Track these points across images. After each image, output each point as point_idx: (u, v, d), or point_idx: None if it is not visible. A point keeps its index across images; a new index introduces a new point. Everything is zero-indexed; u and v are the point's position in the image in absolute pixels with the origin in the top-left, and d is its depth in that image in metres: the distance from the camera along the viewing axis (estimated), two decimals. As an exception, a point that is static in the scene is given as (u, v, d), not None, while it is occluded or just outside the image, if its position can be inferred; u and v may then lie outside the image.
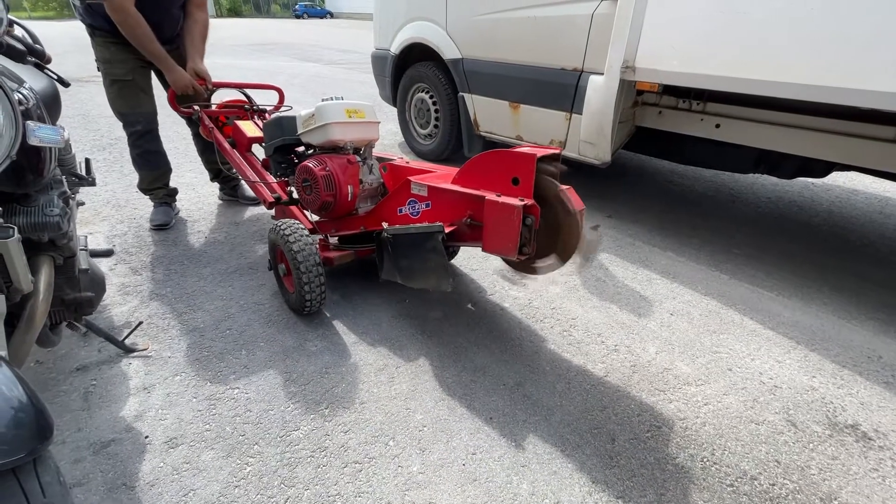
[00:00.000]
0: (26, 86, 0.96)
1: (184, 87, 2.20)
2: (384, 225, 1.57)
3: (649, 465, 1.25)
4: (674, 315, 1.91)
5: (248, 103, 2.50)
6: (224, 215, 2.65)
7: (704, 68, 1.95)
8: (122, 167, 3.26)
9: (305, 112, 1.83)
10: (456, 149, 3.53)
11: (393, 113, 4.12)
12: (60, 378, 1.46)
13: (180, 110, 2.31)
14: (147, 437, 1.27)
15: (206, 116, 2.33)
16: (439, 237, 1.35)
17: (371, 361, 1.59)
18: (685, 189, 3.39)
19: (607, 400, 1.47)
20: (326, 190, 1.72)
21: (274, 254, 1.81)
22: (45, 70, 1.14)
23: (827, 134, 2.04)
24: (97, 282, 1.27)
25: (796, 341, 1.78)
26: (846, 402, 1.50)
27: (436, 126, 3.60)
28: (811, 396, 1.52)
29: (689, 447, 1.31)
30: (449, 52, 3.21)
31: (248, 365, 1.55)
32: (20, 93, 0.91)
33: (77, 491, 1.13)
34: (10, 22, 1.08)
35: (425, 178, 1.53)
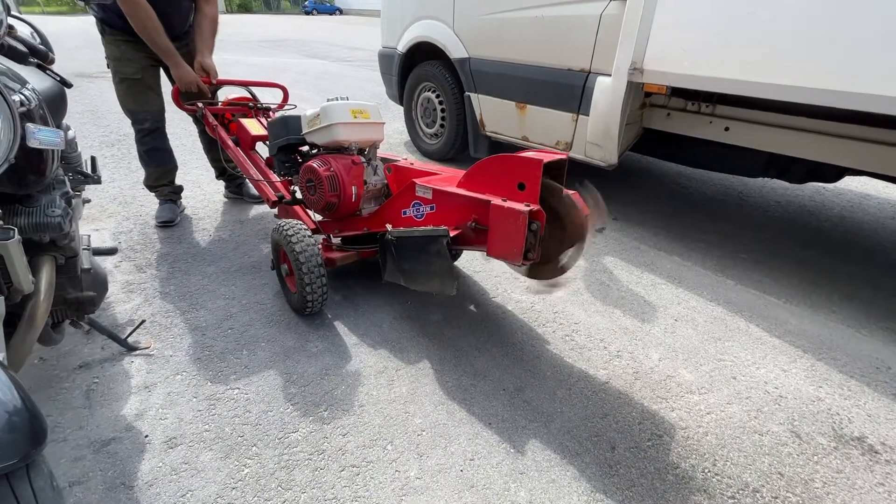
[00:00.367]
0: (29, 87, 0.96)
1: (189, 84, 2.20)
2: (388, 227, 1.57)
3: (649, 475, 1.24)
4: (678, 321, 1.89)
5: (253, 101, 2.50)
6: (229, 213, 2.66)
7: (714, 71, 1.91)
8: (130, 163, 3.28)
9: (310, 112, 1.83)
10: (462, 149, 3.52)
11: (400, 112, 4.11)
12: (63, 375, 1.47)
13: (184, 107, 2.31)
14: (147, 437, 1.28)
15: (211, 114, 2.33)
16: (444, 241, 1.34)
17: (371, 363, 1.58)
18: (693, 191, 3.35)
19: (608, 407, 1.45)
20: (330, 191, 1.72)
21: (276, 254, 1.81)
22: (47, 71, 1.14)
23: (839, 139, 2.00)
24: (99, 281, 1.28)
25: (803, 350, 1.75)
26: (853, 414, 1.47)
27: (442, 126, 3.59)
28: (817, 407, 1.49)
29: (691, 457, 1.30)
30: (456, 52, 3.19)
31: (249, 365, 1.55)
32: (22, 94, 0.92)
33: (76, 489, 1.13)
34: (10, 25, 1.08)
35: (430, 181, 1.52)
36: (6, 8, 0.87)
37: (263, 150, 2.43)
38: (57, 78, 1.17)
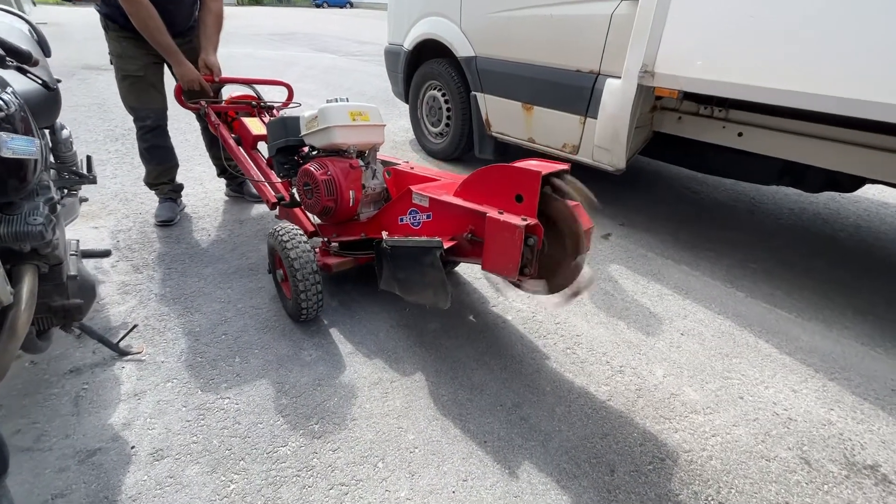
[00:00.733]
0: (9, 90, 0.93)
1: (191, 82, 2.17)
2: (384, 234, 1.52)
3: (649, 502, 1.19)
4: (685, 335, 1.83)
5: (256, 99, 2.46)
6: (229, 213, 2.63)
7: (730, 76, 1.84)
8: (133, 159, 3.26)
9: (308, 113, 1.79)
10: (467, 149, 3.46)
11: (406, 109, 4.05)
12: (53, 380, 1.45)
13: (187, 105, 2.28)
14: (133, 448, 1.25)
15: (213, 112, 2.30)
16: (437, 253, 1.29)
17: (366, 374, 1.55)
18: (702, 197, 3.27)
19: (609, 427, 1.40)
20: (327, 195, 1.67)
21: (272, 258, 1.77)
22: (29, 74, 1.11)
23: (859, 147, 1.92)
24: (87, 288, 1.25)
25: (814, 369, 1.69)
26: (866, 440, 1.41)
27: (447, 125, 3.53)
28: (828, 431, 1.43)
29: (694, 483, 1.24)
30: (462, 50, 3.12)
31: (241, 373, 1.52)
32: (0, 98, 0.88)
33: (59, 502, 1.11)
34: None
35: (427, 188, 1.47)
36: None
37: (266, 150, 2.39)
38: (39, 81, 1.13)
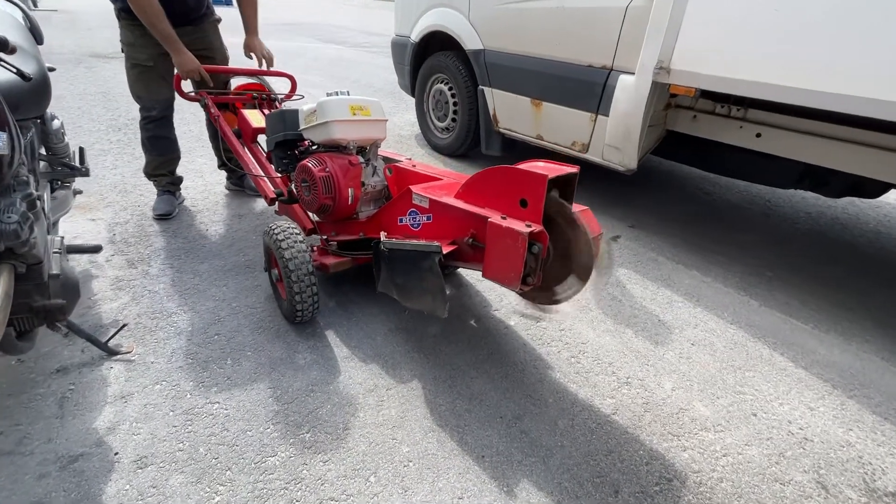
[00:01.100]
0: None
1: (189, 72, 2.11)
2: (382, 235, 1.45)
3: (655, 527, 1.12)
4: (695, 345, 1.75)
5: (259, 90, 2.38)
6: (229, 207, 2.58)
7: (752, 74, 1.74)
8: (135, 150, 3.21)
9: (307, 107, 1.72)
10: (473, 145, 3.37)
11: (412, 103, 3.97)
12: (39, 380, 1.41)
13: (187, 95, 2.22)
14: (117, 454, 1.20)
15: (214, 104, 2.24)
16: (436, 258, 1.23)
17: (361, 380, 1.49)
18: (716, 198, 3.17)
19: (614, 443, 1.33)
20: (325, 192, 1.61)
21: (268, 257, 1.71)
22: (3, 63, 1.05)
23: (887, 152, 1.82)
24: (70, 287, 1.20)
25: (832, 385, 1.60)
26: (887, 464, 1.33)
27: (454, 120, 3.44)
28: (846, 454, 1.35)
29: (703, 507, 1.18)
30: (470, 43, 3.03)
31: (232, 376, 1.47)
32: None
33: (37, 511, 1.07)
34: None
35: (428, 189, 1.40)
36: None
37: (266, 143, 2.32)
38: (13, 70, 1.07)
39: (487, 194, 1.23)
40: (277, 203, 1.96)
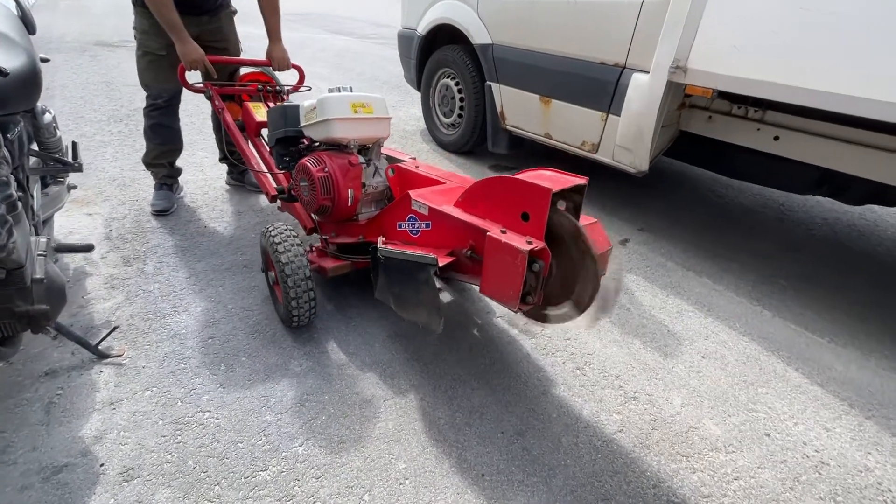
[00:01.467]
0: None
1: (193, 63, 2.05)
2: (380, 241, 1.39)
3: (662, 557, 1.07)
4: (706, 358, 1.68)
5: (264, 81, 2.29)
6: (228, 203, 2.53)
7: (774, 76, 1.65)
8: (135, 142, 3.17)
9: (308, 103, 1.65)
10: (479, 141, 3.29)
11: (419, 97, 3.88)
12: (27, 383, 1.37)
13: (190, 86, 2.16)
14: (102, 466, 1.16)
15: (218, 96, 2.17)
16: (431, 271, 1.17)
17: (358, 390, 1.44)
18: (728, 201, 3.08)
19: (620, 463, 1.28)
20: (323, 193, 1.55)
21: (265, 259, 1.66)
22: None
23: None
24: (55, 291, 1.15)
25: (849, 404, 1.53)
26: (908, 492, 1.26)
27: (460, 116, 3.36)
28: (864, 480, 1.29)
29: (713, 536, 1.12)
30: (478, 37, 2.94)
31: (225, 384, 1.42)
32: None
33: (17, 526, 1.03)
34: None
35: (428, 195, 1.33)
36: None
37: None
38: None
39: (488, 205, 1.17)
40: (279, 200, 1.91)
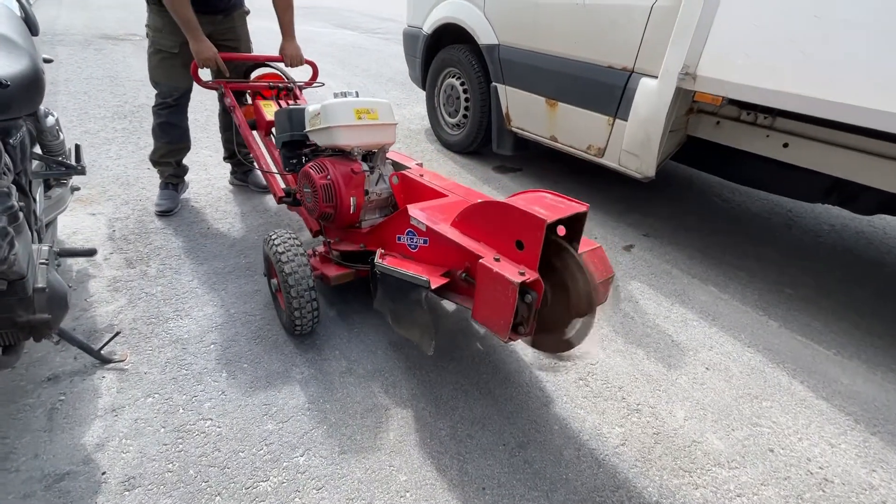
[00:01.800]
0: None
1: (206, 60, 2.05)
2: (378, 253, 1.38)
3: (664, 576, 1.06)
4: (710, 370, 1.67)
5: (277, 79, 2.27)
6: (232, 203, 2.52)
7: (787, 85, 1.62)
8: (139, 139, 3.17)
9: (312, 108, 1.64)
10: (484, 142, 3.27)
11: (423, 95, 3.85)
12: (29, 388, 1.37)
13: (204, 84, 2.16)
14: (104, 474, 1.16)
15: (231, 93, 2.16)
16: (423, 293, 1.16)
17: (359, 399, 1.43)
18: (735, 206, 3.04)
19: (622, 478, 1.27)
20: (325, 201, 1.54)
21: (267, 265, 1.65)
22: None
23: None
24: (56, 300, 1.14)
25: (855, 419, 1.52)
26: (913, 512, 1.25)
27: (465, 116, 3.34)
28: (869, 498, 1.27)
29: (715, 554, 1.11)
30: (485, 37, 2.91)
31: (227, 391, 1.42)
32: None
33: (19, 535, 1.03)
34: None
35: (427, 210, 1.32)
36: None
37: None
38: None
39: (484, 229, 1.15)
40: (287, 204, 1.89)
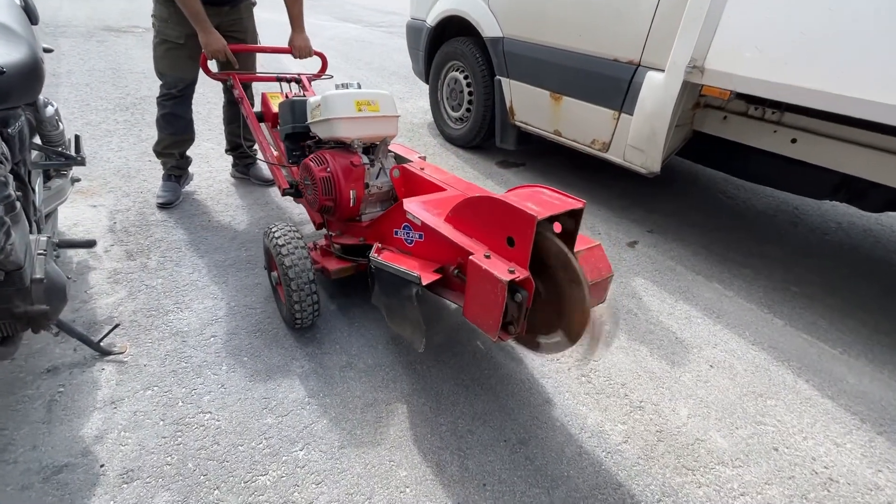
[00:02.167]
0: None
1: (216, 52, 2.03)
2: (375, 247, 1.37)
3: (665, 575, 1.05)
4: (714, 368, 1.65)
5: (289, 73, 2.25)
6: (233, 196, 2.51)
7: (798, 79, 1.59)
8: (141, 131, 3.15)
9: (313, 100, 1.62)
10: (488, 136, 3.24)
11: (426, 88, 3.82)
12: (28, 380, 1.36)
13: (214, 75, 2.14)
14: (102, 466, 1.16)
15: (240, 85, 2.14)
16: (414, 289, 1.14)
17: (359, 393, 1.42)
18: (740, 203, 3.01)
19: (624, 475, 1.26)
20: (325, 194, 1.52)
21: (268, 258, 1.64)
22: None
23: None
24: (55, 291, 1.13)
25: (861, 418, 1.50)
26: (919, 513, 1.23)
27: (468, 110, 3.31)
28: (874, 499, 1.26)
29: (717, 554, 1.10)
30: (489, 30, 2.88)
31: (226, 384, 1.41)
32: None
33: (17, 527, 1.03)
34: None
35: (424, 204, 1.31)
36: None
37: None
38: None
39: (476, 224, 1.13)
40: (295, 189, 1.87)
